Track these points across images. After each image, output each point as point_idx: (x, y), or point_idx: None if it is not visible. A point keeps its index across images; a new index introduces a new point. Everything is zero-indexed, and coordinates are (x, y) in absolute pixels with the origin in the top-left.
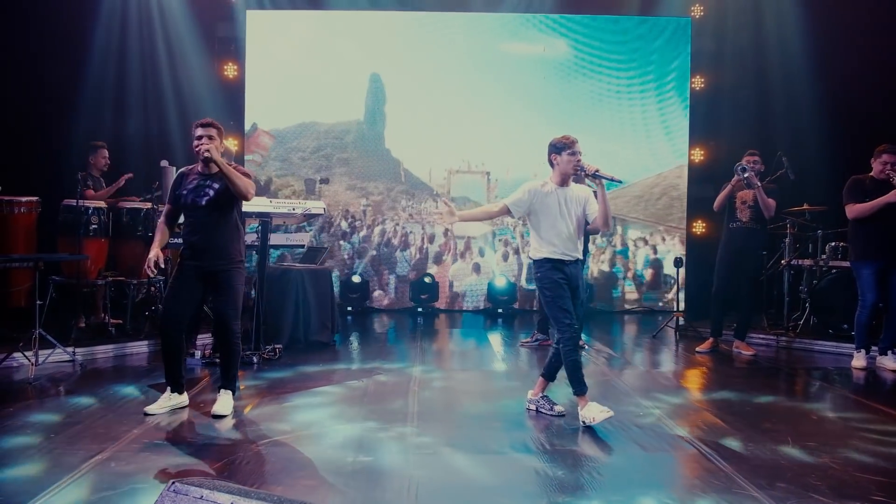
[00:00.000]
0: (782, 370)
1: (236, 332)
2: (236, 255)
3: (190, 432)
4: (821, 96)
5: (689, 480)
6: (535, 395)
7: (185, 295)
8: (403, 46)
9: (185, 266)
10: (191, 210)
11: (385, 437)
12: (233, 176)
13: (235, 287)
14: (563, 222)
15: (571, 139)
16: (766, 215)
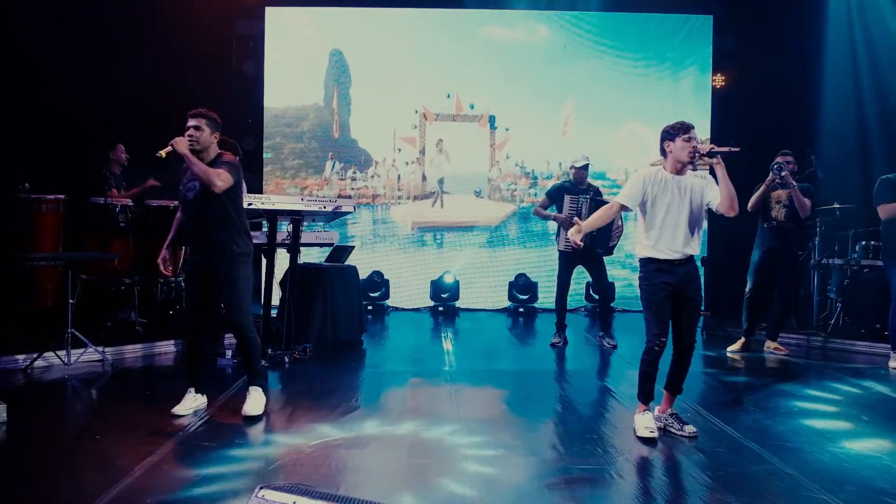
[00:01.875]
0: (819, 370)
1: (246, 325)
2: (233, 247)
3: (235, 433)
4: (849, 94)
5: (755, 484)
6: (662, 411)
7: (193, 294)
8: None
9: (188, 263)
10: (183, 205)
11: (435, 438)
12: (193, 165)
13: (236, 280)
14: (677, 214)
15: (687, 124)
16: (802, 215)
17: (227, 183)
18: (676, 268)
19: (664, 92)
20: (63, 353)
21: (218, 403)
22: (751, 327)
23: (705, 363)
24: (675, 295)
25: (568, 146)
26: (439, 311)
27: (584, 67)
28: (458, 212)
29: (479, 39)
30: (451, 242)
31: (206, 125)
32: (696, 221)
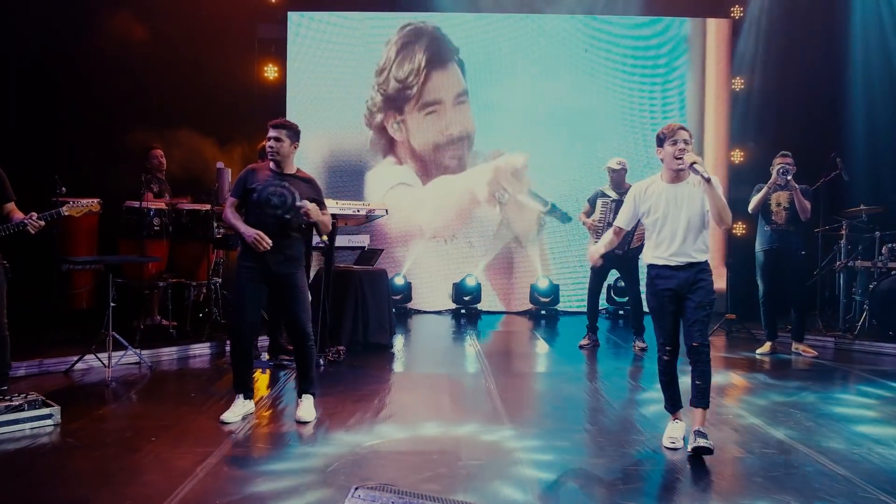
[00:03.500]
0: (850, 372)
1: (311, 334)
2: (302, 257)
3: (286, 438)
4: (872, 96)
5: (810, 484)
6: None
7: (253, 299)
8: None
9: (250, 269)
10: (260, 209)
11: (485, 441)
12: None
13: (303, 290)
14: (673, 223)
15: (673, 127)
16: (803, 217)
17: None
18: (677, 272)
19: (684, 94)
20: (103, 355)
21: (264, 406)
22: (773, 330)
23: (736, 366)
24: (677, 299)
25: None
26: (461, 314)
27: (601, 70)
28: (481, 215)
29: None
30: (473, 245)
31: (286, 136)
32: (695, 228)
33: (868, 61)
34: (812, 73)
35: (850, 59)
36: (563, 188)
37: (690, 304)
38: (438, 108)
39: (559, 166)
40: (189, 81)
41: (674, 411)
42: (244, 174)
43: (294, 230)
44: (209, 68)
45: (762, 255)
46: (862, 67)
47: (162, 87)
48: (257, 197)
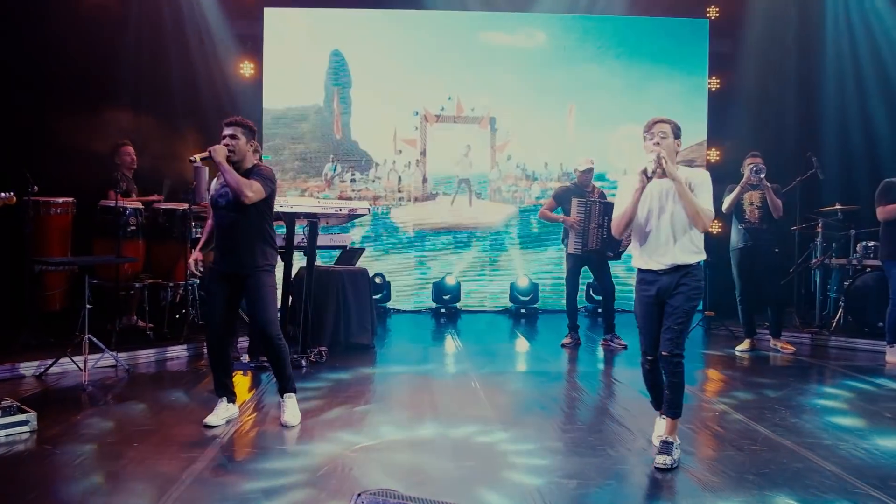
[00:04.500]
0: (829, 368)
1: (275, 334)
2: (261, 259)
3: (274, 440)
4: (848, 95)
5: (801, 481)
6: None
7: (219, 301)
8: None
9: (213, 270)
10: (214, 211)
11: (477, 442)
12: (226, 174)
13: (265, 289)
14: (657, 220)
15: (652, 120)
16: (776, 215)
17: (259, 195)
18: (661, 277)
19: (661, 95)
20: (79, 358)
21: (247, 409)
22: (751, 327)
23: (718, 363)
24: (660, 305)
25: (568, 148)
26: (441, 313)
27: (583, 70)
28: (459, 214)
29: (480, 43)
30: (452, 244)
31: (241, 133)
32: (681, 227)
33: (841, 61)
34: (787, 72)
35: (825, 58)
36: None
37: (667, 310)
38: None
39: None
40: (164, 79)
41: (659, 408)
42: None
43: (251, 230)
44: (184, 65)
45: (737, 254)
46: (835, 67)
47: (137, 85)
48: (211, 202)
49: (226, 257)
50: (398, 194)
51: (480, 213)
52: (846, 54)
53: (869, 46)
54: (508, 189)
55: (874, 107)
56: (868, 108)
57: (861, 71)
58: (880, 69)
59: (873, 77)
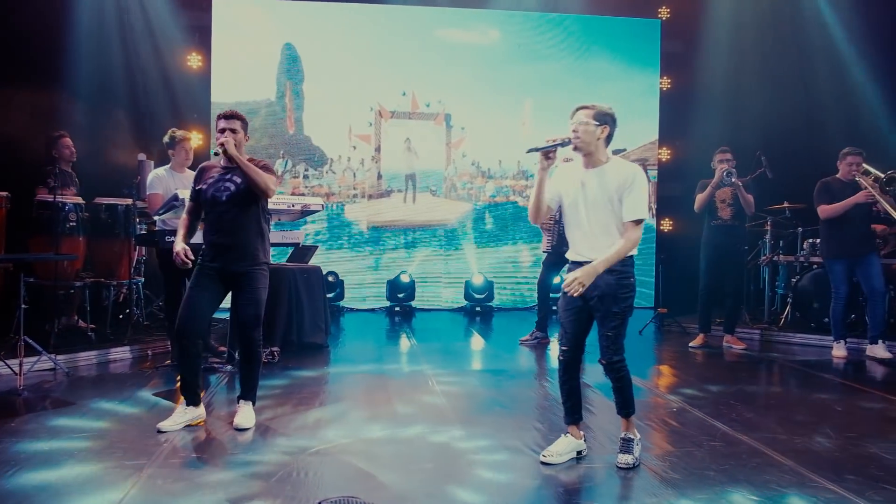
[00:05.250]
0: (778, 363)
1: (258, 339)
2: (260, 255)
3: (224, 446)
4: (795, 95)
5: (760, 476)
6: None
7: (206, 300)
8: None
9: (206, 268)
10: (210, 206)
11: (435, 442)
12: (251, 171)
13: (259, 290)
14: (578, 212)
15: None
16: (748, 212)
17: (276, 190)
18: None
19: (616, 93)
20: (13, 361)
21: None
22: (707, 323)
23: (673, 360)
24: (584, 300)
25: (523, 146)
26: (396, 312)
27: (538, 68)
28: (415, 211)
29: (435, 39)
30: (407, 241)
31: (240, 127)
32: (602, 223)
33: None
34: (737, 72)
35: (775, 58)
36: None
37: (597, 315)
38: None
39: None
40: (107, 69)
41: (566, 422)
42: (197, 173)
43: (253, 226)
44: (129, 55)
45: (707, 250)
46: (786, 67)
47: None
48: (205, 196)
49: (223, 255)
50: (352, 191)
51: (435, 211)
52: (797, 54)
53: (819, 45)
54: (464, 186)
55: (823, 106)
56: (817, 108)
57: (811, 70)
58: (831, 68)
59: (823, 76)
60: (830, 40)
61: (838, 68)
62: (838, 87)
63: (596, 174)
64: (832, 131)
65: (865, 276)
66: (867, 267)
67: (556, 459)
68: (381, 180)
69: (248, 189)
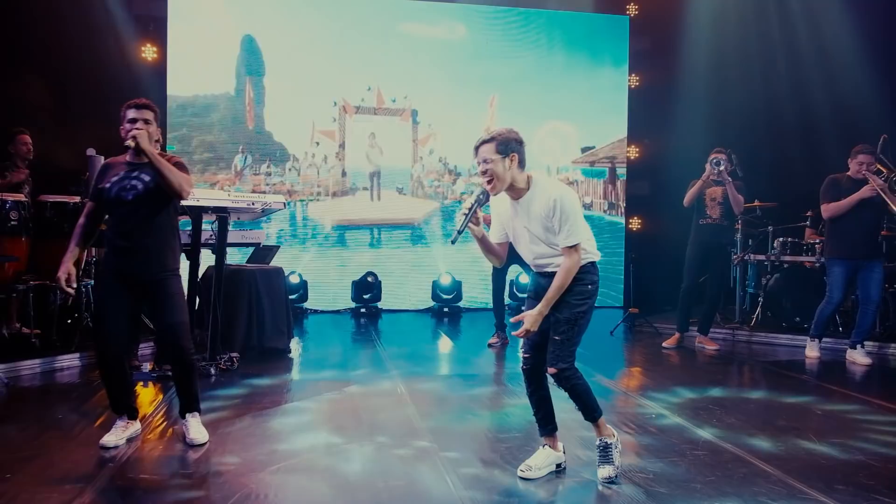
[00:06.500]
0: (753, 364)
1: (188, 348)
2: (171, 261)
3: (176, 463)
4: (764, 94)
5: (749, 488)
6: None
7: (116, 309)
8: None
9: (110, 274)
10: (115, 207)
11: (406, 456)
12: (164, 168)
13: (177, 296)
14: (522, 242)
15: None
16: (737, 211)
17: (191, 191)
18: (543, 278)
19: (583, 91)
20: None
21: (148, 426)
22: (685, 323)
23: (646, 362)
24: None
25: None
26: (361, 313)
27: (506, 64)
28: (381, 209)
29: (401, 33)
30: (372, 241)
31: (153, 119)
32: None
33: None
34: (706, 70)
35: (744, 57)
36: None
37: (550, 319)
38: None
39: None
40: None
41: (541, 434)
42: (99, 171)
43: (163, 228)
44: (77, 47)
45: (694, 249)
46: (754, 65)
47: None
48: (108, 196)
49: (130, 260)
50: (316, 188)
51: (402, 209)
52: (766, 53)
53: (789, 44)
54: (431, 184)
55: (793, 105)
56: (786, 107)
57: (780, 70)
58: (799, 68)
59: (792, 75)
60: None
61: (808, 66)
62: (808, 85)
63: (523, 206)
64: (803, 130)
65: (864, 281)
66: (869, 272)
67: (535, 474)
68: (346, 178)
69: (158, 188)
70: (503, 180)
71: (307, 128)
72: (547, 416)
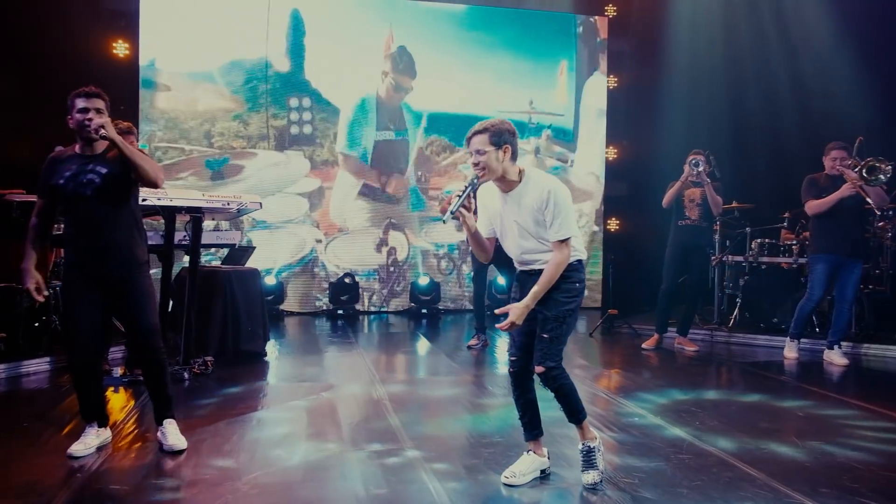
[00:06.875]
0: (733, 365)
1: (159, 347)
2: (139, 255)
3: (148, 474)
4: (742, 95)
5: (735, 492)
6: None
7: (86, 310)
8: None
9: (74, 276)
10: (72, 203)
11: (387, 463)
12: (136, 157)
13: (147, 295)
14: (510, 237)
15: (471, 132)
16: (716, 212)
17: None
18: (532, 278)
19: (562, 91)
20: None
21: (119, 433)
22: (665, 324)
23: (626, 364)
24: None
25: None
26: (339, 315)
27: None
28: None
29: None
30: (350, 242)
31: (105, 107)
32: (533, 241)
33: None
34: (685, 71)
35: (723, 57)
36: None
37: (538, 318)
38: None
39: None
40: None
41: (526, 438)
42: (46, 166)
43: (128, 223)
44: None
45: (673, 250)
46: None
47: None
48: (64, 192)
49: (96, 258)
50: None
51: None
52: (744, 54)
53: (766, 44)
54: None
55: (771, 105)
56: (765, 107)
57: (759, 69)
58: (777, 68)
59: (771, 76)
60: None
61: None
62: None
63: (513, 198)
64: (781, 131)
65: (842, 280)
66: (848, 273)
67: (520, 480)
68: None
69: (119, 179)
70: (495, 172)
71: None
72: (533, 421)
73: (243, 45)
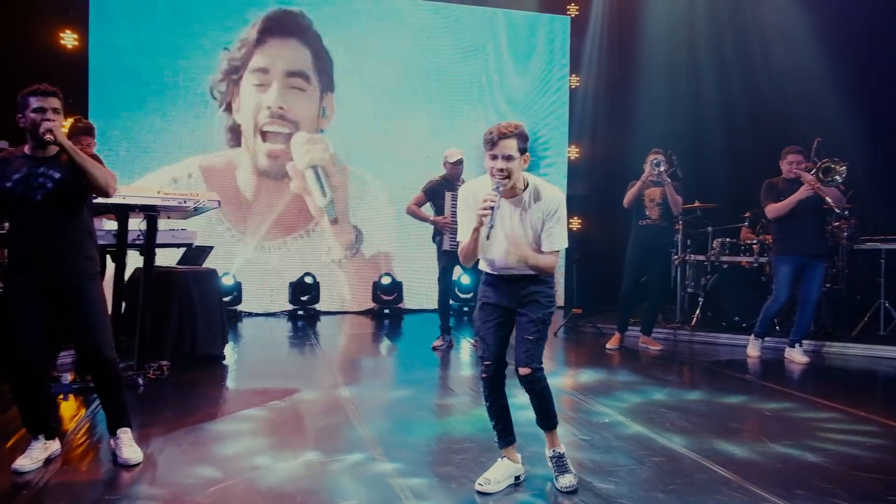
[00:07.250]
0: (697, 365)
1: (113, 359)
2: (92, 263)
3: (102, 489)
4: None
5: (711, 495)
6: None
7: (30, 316)
8: None
9: (20, 282)
10: (21, 208)
11: (355, 471)
12: (87, 164)
13: (97, 304)
14: (496, 242)
15: (494, 134)
16: (675, 212)
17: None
18: (509, 284)
19: (525, 90)
20: None
21: (69, 445)
22: (626, 324)
23: (592, 363)
24: (506, 313)
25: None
26: (299, 315)
27: (446, 62)
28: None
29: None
30: (310, 240)
31: (61, 107)
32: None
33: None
34: (647, 71)
35: (686, 57)
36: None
37: (521, 320)
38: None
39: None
40: None
41: (499, 446)
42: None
43: (79, 230)
44: None
45: (633, 250)
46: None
47: None
48: (13, 196)
49: (44, 266)
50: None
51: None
52: (707, 54)
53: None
54: None
55: (730, 105)
56: (728, 108)
57: (722, 72)
58: (741, 68)
59: (734, 76)
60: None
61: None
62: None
63: (514, 203)
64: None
65: (807, 280)
66: (812, 273)
67: (494, 487)
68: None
69: (72, 186)
70: (515, 180)
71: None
72: (507, 427)
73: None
